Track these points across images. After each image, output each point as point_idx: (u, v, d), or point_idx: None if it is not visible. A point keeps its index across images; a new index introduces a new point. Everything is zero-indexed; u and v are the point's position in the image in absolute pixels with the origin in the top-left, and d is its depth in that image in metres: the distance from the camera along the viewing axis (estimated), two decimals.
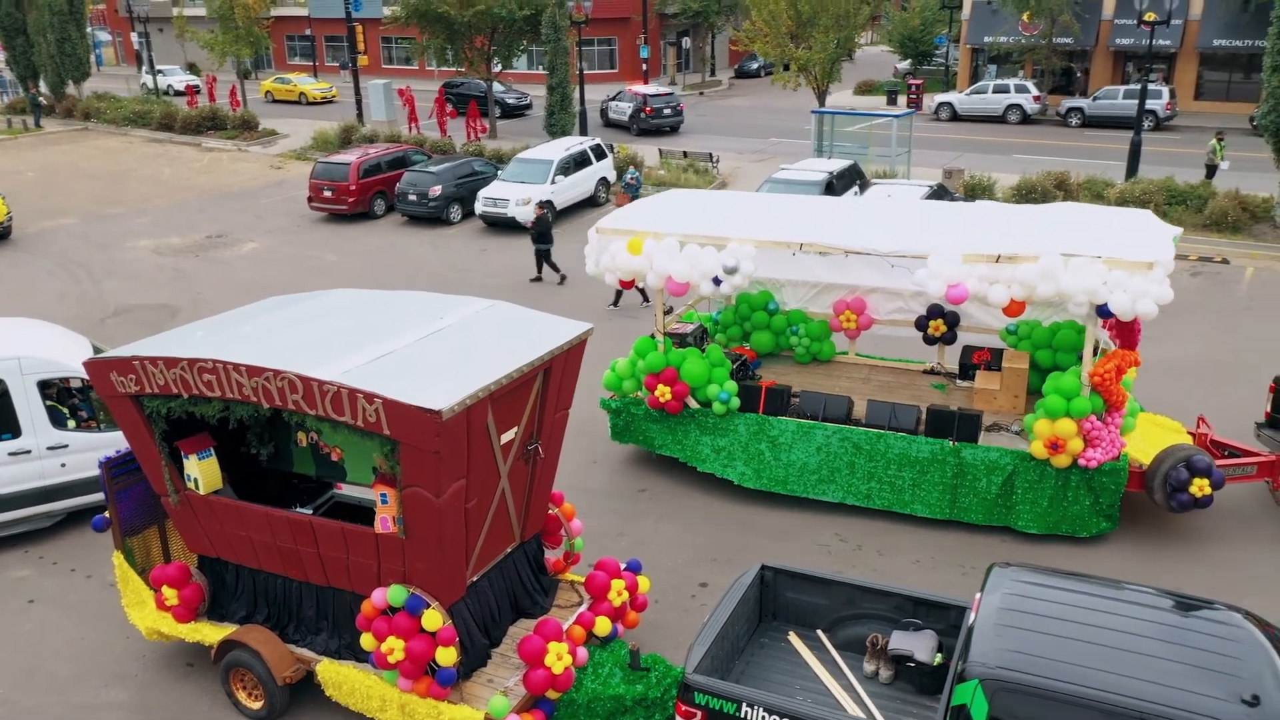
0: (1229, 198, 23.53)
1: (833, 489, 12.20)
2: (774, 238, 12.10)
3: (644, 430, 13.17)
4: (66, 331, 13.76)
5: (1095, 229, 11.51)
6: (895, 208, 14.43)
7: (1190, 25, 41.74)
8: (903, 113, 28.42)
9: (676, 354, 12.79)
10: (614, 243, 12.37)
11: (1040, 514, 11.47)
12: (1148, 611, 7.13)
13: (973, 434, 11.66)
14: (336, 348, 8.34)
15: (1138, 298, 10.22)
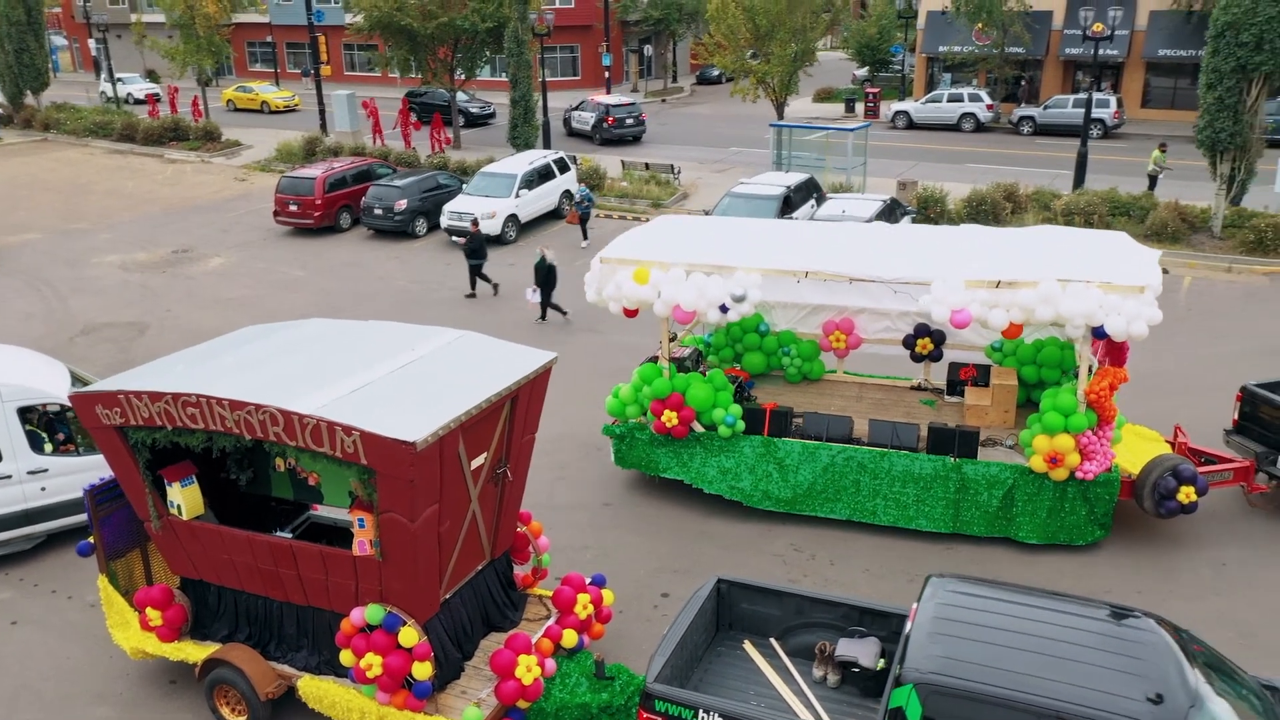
0: (1169, 209, 24.51)
1: (840, 507, 12.70)
2: (778, 266, 12.49)
3: (648, 455, 13.42)
4: (42, 356, 14.06)
5: (1081, 253, 12.15)
6: (888, 232, 14.78)
7: (1136, 35, 42.99)
8: (858, 126, 29.17)
9: (681, 379, 13.13)
10: (619, 273, 12.67)
11: (1040, 525, 12.12)
12: (1069, 619, 7.78)
13: (972, 450, 12.30)
14: (314, 381, 8.80)
15: (1131, 320, 10.96)
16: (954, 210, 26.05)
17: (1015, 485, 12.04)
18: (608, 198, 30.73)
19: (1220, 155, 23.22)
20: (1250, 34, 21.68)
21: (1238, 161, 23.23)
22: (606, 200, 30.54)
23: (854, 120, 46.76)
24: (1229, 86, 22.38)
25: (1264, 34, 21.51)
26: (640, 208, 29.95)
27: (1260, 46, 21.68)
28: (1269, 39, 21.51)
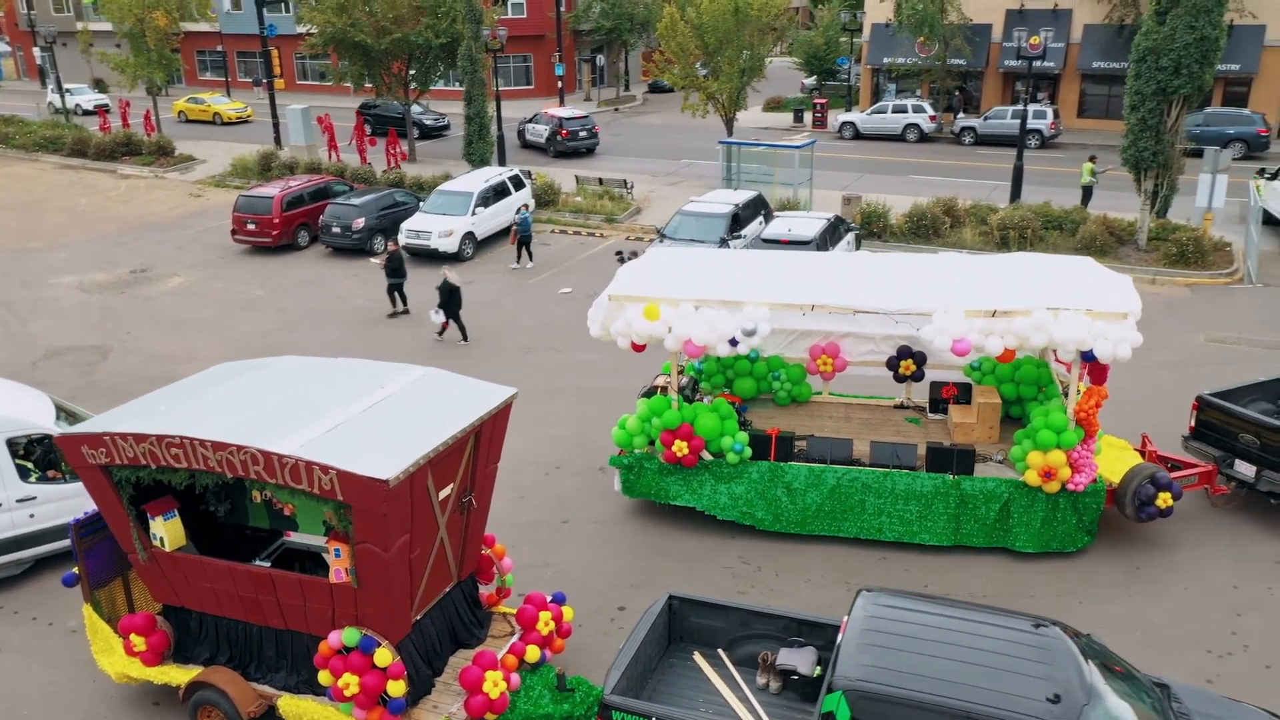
0: (1098, 223, 25.75)
1: (847, 526, 13.40)
2: (785, 299, 13.11)
3: (658, 484, 13.86)
4: (22, 386, 14.48)
5: (1061, 280, 13.08)
6: (878, 263, 15.27)
7: (1072, 48, 44.54)
8: (804, 142, 30.12)
9: (689, 410, 13.56)
10: (628, 309, 13.09)
11: (1034, 535, 12.99)
12: (984, 628, 8.67)
13: (969, 467, 13.12)
14: (291, 421, 9.43)
15: (1117, 344, 11.95)
16: (896, 225, 27.09)
17: (1011, 499, 12.95)
18: (562, 213, 31.41)
19: (1144, 172, 24.47)
20: (1169, 59, 22.93)
21: (1160, 178, 24.50)
22: (561, 215, 31.23)
23: (803, 130, 48.00)
24: (1150, 108, 23.62)
25: (1181, 59, 22.76)
26: (594, 223, 30.68)
27: (1178, 71, 22.93)
28: (1186, 64, 22.77)
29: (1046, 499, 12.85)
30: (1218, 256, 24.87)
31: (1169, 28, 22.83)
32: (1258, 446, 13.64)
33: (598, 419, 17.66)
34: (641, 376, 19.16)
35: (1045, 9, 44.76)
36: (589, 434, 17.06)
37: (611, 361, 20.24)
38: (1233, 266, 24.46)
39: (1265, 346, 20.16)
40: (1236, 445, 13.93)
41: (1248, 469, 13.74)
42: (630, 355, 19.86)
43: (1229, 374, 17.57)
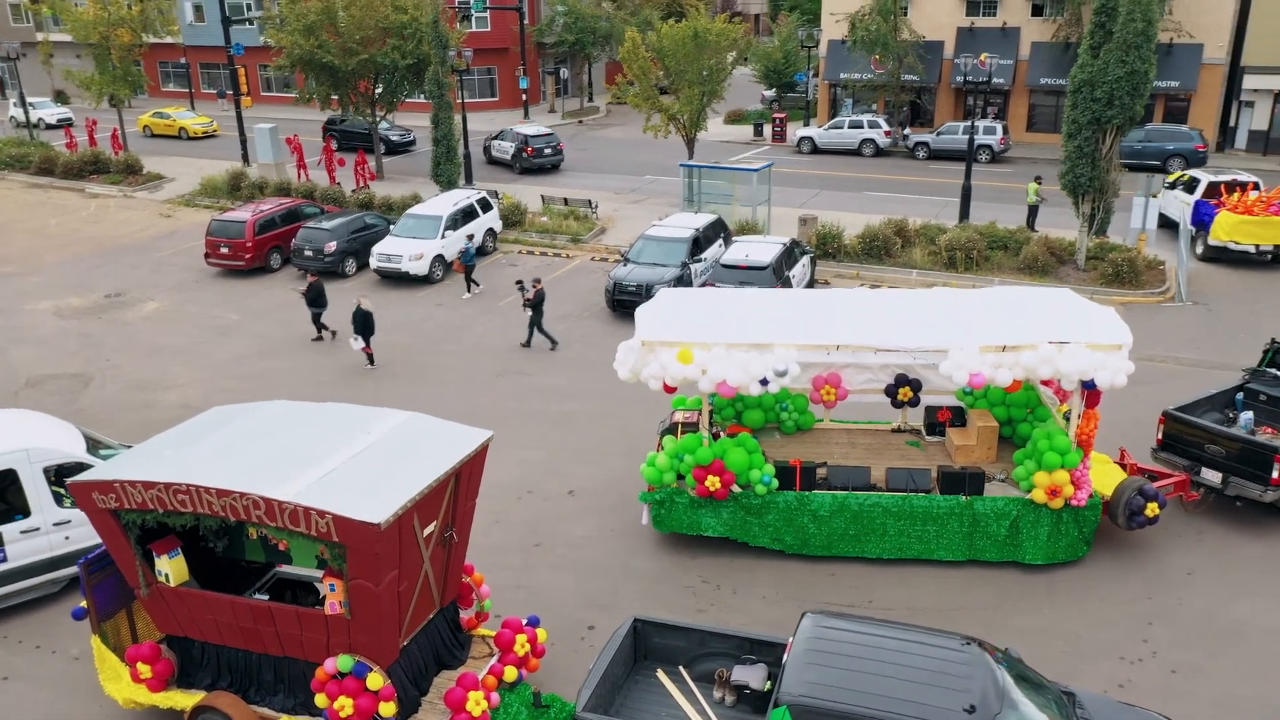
0: (1039, 244, 27.12)
1: (869, 547, 14.45)
2: (810, 340, 13.95)
3: (690, 517, 14.63)
4: (51, 418, 15.35)
5: (1052, 313, 14.35)
6: (880, 298, 16.50)
7: (1021, 65, 46.11)
8: (762, 166, 31.25)
9: (718, 445, 14.39)
10: (661, 354, 13.80)
11: (1042, 547, 14.14)
12: (913, 646, 9.77)
13: (980, 488, 14.23)
14: (287, 466, 10.34)
15: (1115, 373, 13.26)
16: (850, 246, 28.29)
17: (1019, 515, 14.12)
18: (529, 233, 32.33)
19: (1081, 196, 25.84)
20: (1102, 90, 24.30)
21: (1097, 202, 25.88)
22: (528, 236, 32.14)
23: (763, 143, 49.26)
24: (1086, 136, 24.99)
25: (1114, 91, 24.14)
26: (560, 243, 31.63)
27: (1111, 102, 24.31)
28: (1118, 95, 24.14)
29: (1052, 514, 14.07)
30: (1151, 275, 26.32)
31: (1102, 61, 24.20)
32: (1223, 455, 15.17)
33: (566, 444, 18.68)
34: (606, 399, 20.24)
35: (994, 27, 46.34)
36: (557, 459, 18.04)
37: (577, 386, 21.28)
38: (1165, 285, 25.90)
39: (1190, 364, 21.55)
40: (1203, 455, 15.43)
41: (1214, 476, 15.26)
42: (595, 381, 21.02)
43: (1156, 392, 18.85)
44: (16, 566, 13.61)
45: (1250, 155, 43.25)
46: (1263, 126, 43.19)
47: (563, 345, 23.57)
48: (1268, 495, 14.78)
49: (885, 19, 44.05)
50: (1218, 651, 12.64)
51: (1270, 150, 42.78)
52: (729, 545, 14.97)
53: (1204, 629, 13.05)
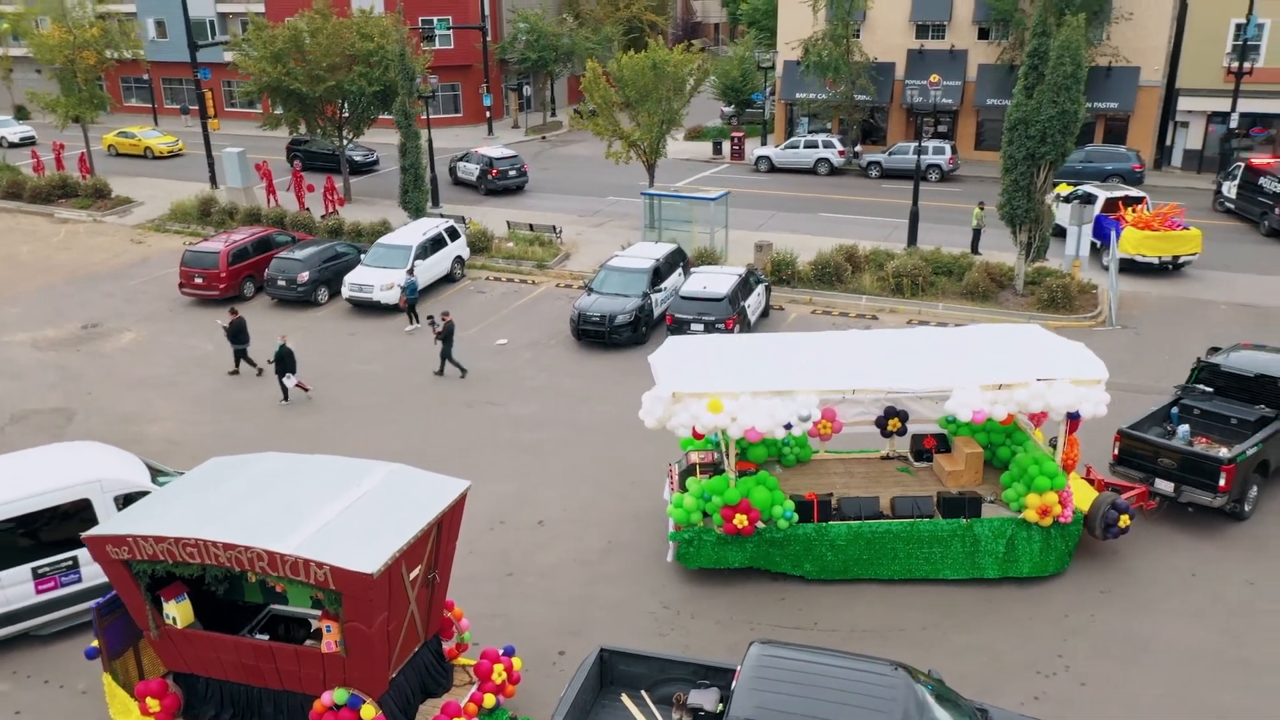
0: (980, 270, 28.67)
1: (881, 570, 15.78)
2: (828, 386, 15.15)
3: (718, 553, 15.72)
4: (117, 450, 16.45)
5: (1030, 350, 16.12)
6: (873, 339, 17.88)
7: (968, 86, 47.87)
8: (719, 195, 32.55)
9: (743, 485, 15.42)
10: (692, 405, 14.86)
11: (1034, 561, 15.66)
12: (846, 671, 11.06)
13: (978, 511, 15.73)
14: (286, 519, 11.44)
15: (1096, 405, 15.06)
16: (803, 272, 29.68)
17: (1014, 534, 15.61)
18: (496, 259, 33.42)
19: (1019, 226, 27.42)
20: (1036, 129, 25.87)
21: (1033, 231, 27.46)
22: (495, 262, 33.23)
23: (722, 161, 50.68)
24: (1022, 171, 26.55)
25: (1046, 129, 25.71)
26: (526, 269, 32.77)
27: (1044, 139, 25.88)
28: (1050, 134, 25.72)
29: (1042, 531, 15.62)
30: (1084, 300, 27.96)
31: (1035, 101, 25.77)
32: (1175, 467, 17.07)
33: (535, 473, 19.85)
34: (572, 428, 21.44)
35: (943, 50, 48.06)
36: (527, 489, 19.22)
37: (545, 415, 22.45)
38: (1097, 310, 27.55)
39: (1117, 389, 23.05)
40: (1156, 467, 17.30)
41: (1167, 486, 17.15)
42: (562, 409, 22.30)
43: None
44: (90, 586, 14.77)
45: (1185, 173, 45.30)
46: (1197, 146, 45.25)
47: (530, 374, 24.74)
48: (1217, 501, 16.75)
49: (837, 44, 45.58)
50: (1126, 664, 14.09)
51: (1204, 168, 44.82)
52: (686, 573, 16.24)
53: (1114, 643, 14.50)
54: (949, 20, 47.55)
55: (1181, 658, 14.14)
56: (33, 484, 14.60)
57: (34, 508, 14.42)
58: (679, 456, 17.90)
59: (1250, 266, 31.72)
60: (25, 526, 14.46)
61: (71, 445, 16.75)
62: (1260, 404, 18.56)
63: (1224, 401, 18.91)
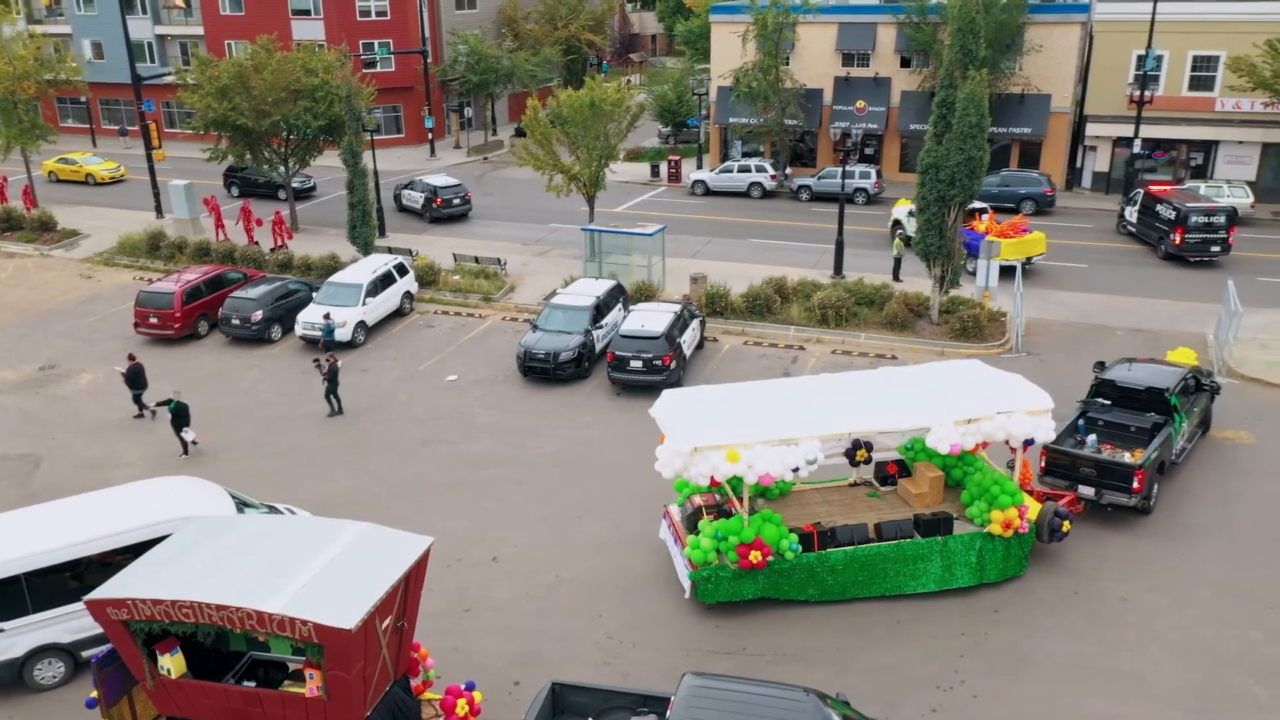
0: (899, 301, 30.80)
1: (874, 589, 17.78)
2: (827, 431, 17.07)
3: (734, 587, 17.33)
4: (206, 484, 17.98)
5: (982, 384, 18.59)
6: (846, 382, 19.75)
7: (892, 111, 50.22)
8: (655, 230, 34.28)
9: (755, 523, 17.17)
10: (711, 456, 16.42)
11: (999, 568, 18.08)
12: (763, 699, 12.84)
13: (950, 528, 17.86)
14: (271, 580, 12.89)
15: (1046, 431, 17.95)
16: (736, 304, 31.55)
17: (982, 546, 17.92)
18: (443, 292, 34.80)
19: (932, 261, 29.59)
20: (946, 173, 28.03)
21: (945, 266, 29.65)
22: (442, 295, 34.62)
23: (660, 183, 52.46)
24: (934, 211, 28.71)
25: (955, 174, 27.88)
26: (473, 302, 34.21)
27: (953, 183, 28.05)
28: (959, 178, 27.89)
29: (1004, 542, 17.99)
30: (993, 329, 30.22)
31: (944, 148, 27.92)
32: (1094, 475, 19.88)
33: (488, 511, 21.40)
34: (521, 466, 23.01)
35: (868, 77, 50.37)
36: (481, 526, 20.76)
37: (496, 453, 23.98)
38: (1005, 338, 29.83)
39: None
40: (1078, 475, 20.04)
41: (1089, 491, 19.96)
42: (512, 448, 23.92)
43: None
44: None
45: (1094, 194, 48.14)
46: (1104, 168, 48.11)
47: (480, 411, 26.27)
48: (1132, 500, 19.63)
49: (766, 73, 47.61)
50: (1013, 677, 16.10)
51: (1111, 189, 47.68)
52: (626, 605, 17.97)
53: (1003, 658, 16.51)
54: (873, 49, 49.85)
55: (1060, 669, 16.19)
56: (133, 518, 16.23)
57: (134, 540, 15.91)
58: (651, 494, 19.76)
59: (1147, 290, 34.27)
60: (127, 556, 15.38)
61: (167, 481, 18.21)
62: (1150, 412, 21.55)
63: (1121, 412, 21.82)
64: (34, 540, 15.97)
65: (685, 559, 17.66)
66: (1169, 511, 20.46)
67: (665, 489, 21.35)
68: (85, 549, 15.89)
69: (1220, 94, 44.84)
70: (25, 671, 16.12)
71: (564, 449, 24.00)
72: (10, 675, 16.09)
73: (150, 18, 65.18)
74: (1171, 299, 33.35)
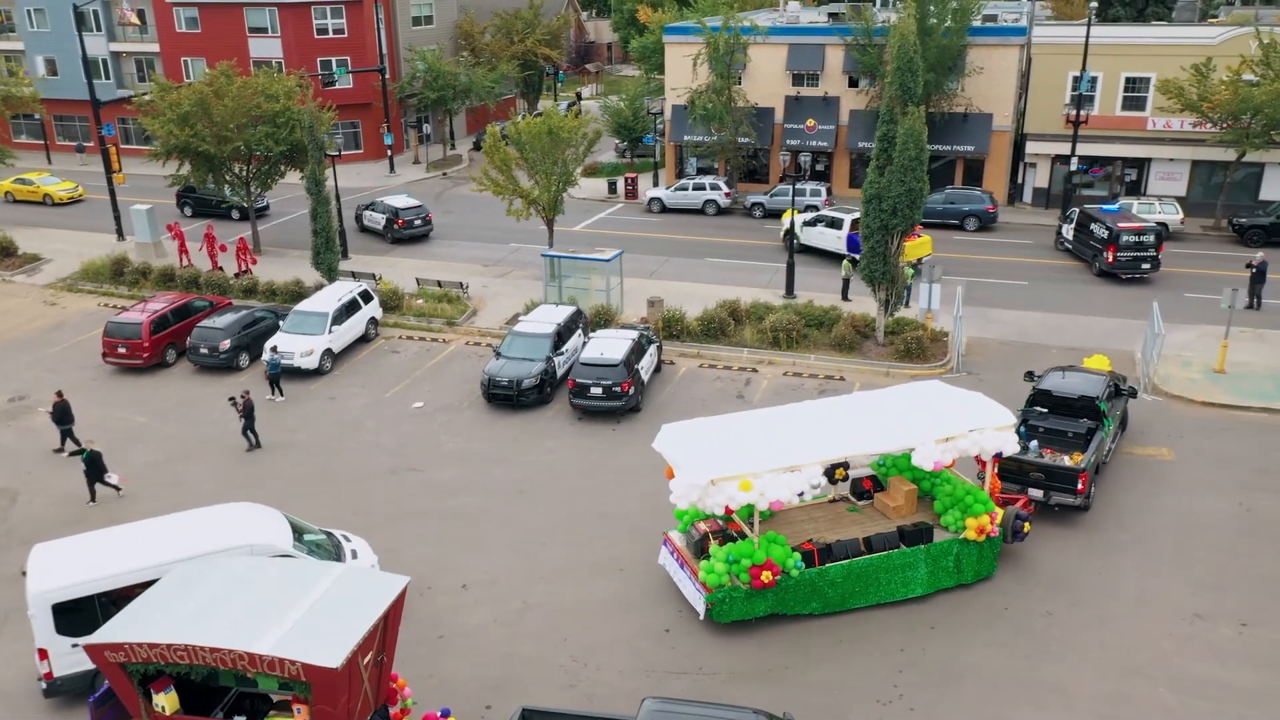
0: (846, 323, 32.26)
1: (870, 597, 19.36)
2: (827, 457, 18.47)
3: (747, 605, 18.65)
4: (266, 510, 19.30)
5: (951, 404, 20.49)
6: (830, 407, 20.97)
7: (841, 130, 51.81)
8: (612, 256, 35.44)
9: (765, 546, 18.56)
10: (726, 487, 17.68)
11: (974, 570, 20.01)
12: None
13: (930, 537, 19.62)
14: (259, 622, 13.88)
15: (1011, 444, 20.02)
16: (691, 327, 32.81)
17: (959, 551, 19.76)
18: (407, 317, 35.71)
19: (877, 286, 31.06)
20: (888, 204, 29.50)
21: (889, 290, 31.14)
22: (406, 320, 35.53)
23: (617, 200, 53.64)
24: (878, 239, 30.17)
25: (897, 204, 29.36)
26: (437, 326, 35.15)
27: (895, 213, 29.53)
28: (900, 208, 29.38)
29: (977, 546, 19.91)
30: (935, 349, 31.77)
31: (886, 180, 29.39)
32: (1043, 479, 22.09)
33: (456, 539, 22.44)
34: (488, 494, 24.04)
35: (817, 96, 51.91)
36: (450, 554, 21.80)
37: (463, 481, 25.02)
38: (946, 358, 31.38)
39: None
40: (1028, 479, 22.22)
41: (1039, 493, 22.18)
42: (477, 475, 25.00)
43: None
44: None
45: (1035, 209, 50.07)
46: (1044, 184, 50.07)
47: (446, 438, 27.27)
48: (1076, 500, 21.93)
49: (719, 95, 48.98)
50: (946, 691, 17.47)
51: (1051, 204, 49.62)
52: (592, 629, 19.13)
53: (938, 673, 17.89)
54: (822, 70, 51.39)
55: (989, 682, 17.61)
56: (200, 544, 17.42)
57: None
58: (611, 518, 20.79)
59: (1082, 307, 36.04)
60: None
61: (231, 508, 19.45)
62: (1083, 418, 23.84)
63: (1058, 419, 24.02)
64: (104, 564, 17.25)
65: (699, 583, 18.93)
66: (1092, 528, 22.04)
67: (624, 515, 22.60)
68: (151, 573, 16.84)
69: (1151, 113, 46.92)
70: (96, 681, 17.01)
71: (528, 475, 25.10)
72: (84, 684, 17.29)
73: (105, 35, 65.15)
74: (1104, 316, 35.14)
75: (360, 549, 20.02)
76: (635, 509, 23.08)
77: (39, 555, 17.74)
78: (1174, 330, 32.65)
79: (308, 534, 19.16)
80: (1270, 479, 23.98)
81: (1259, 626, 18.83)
